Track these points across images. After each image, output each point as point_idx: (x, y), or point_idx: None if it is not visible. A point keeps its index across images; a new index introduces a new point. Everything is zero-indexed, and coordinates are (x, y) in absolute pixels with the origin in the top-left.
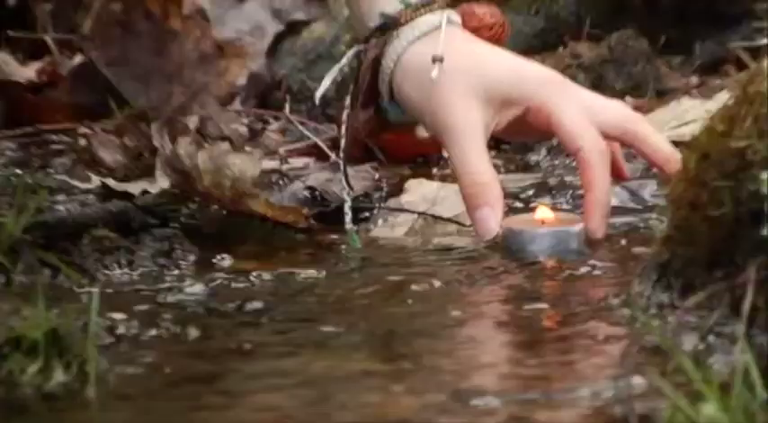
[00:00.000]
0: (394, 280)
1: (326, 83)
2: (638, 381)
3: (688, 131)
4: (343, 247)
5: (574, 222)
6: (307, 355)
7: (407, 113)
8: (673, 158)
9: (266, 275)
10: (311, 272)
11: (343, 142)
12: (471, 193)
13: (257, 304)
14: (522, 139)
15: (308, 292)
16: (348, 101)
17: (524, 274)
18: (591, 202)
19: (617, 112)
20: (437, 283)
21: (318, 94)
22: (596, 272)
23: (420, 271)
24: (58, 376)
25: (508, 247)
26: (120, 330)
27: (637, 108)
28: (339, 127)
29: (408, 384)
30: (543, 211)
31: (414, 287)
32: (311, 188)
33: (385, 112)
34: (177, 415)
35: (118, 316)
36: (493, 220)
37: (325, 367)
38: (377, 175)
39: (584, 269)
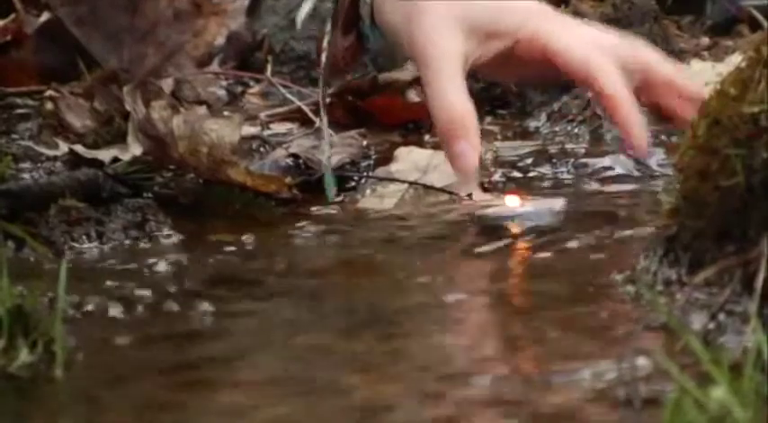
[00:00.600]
0: (379, 256)
1: (307, 6)
2: (643, 362)
3: None
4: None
5: (551, 203)
6: (286, 330)
7: (387, 39)
8: (695, 91)
9: (247, 247)
10: (295, 242)
11: (322, 68)
12: (446, 127)
13: (234, 279)
14: (517, 79)
15: (288, 267)
16: (328, 26)
17: (518, 249)
18: (623, 120)
19: (619, 38)
20: (425, 259)
21: (299, 18)
22: (598, 246)
23: (406, 244)
24: (23, 356)
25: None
26: (89, 307)
27: None
28: (319, 55)
29: (398, 365)
30: (512, 199)
31: (400, 263)
32: (294, 155)
33: (366, 38)
34: (150, 398)
35: (86, 292)
36: (470, 155)
37: (305, 344)
38: (364, 142)
39: (585, 243)
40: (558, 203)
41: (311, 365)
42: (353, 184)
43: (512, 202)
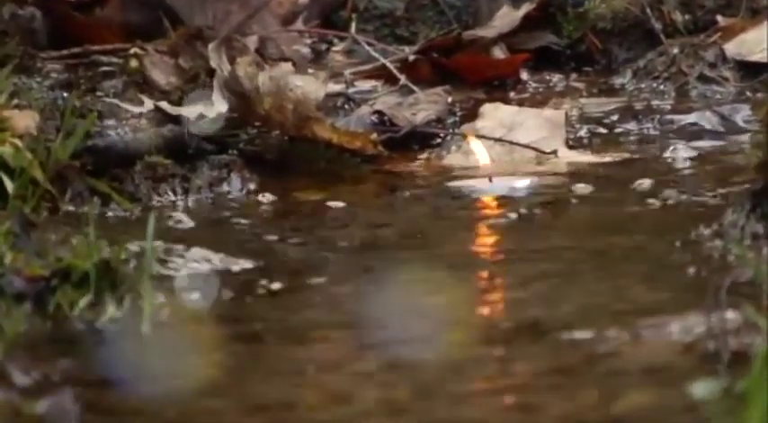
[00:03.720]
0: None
1: None
2: (731, 316)
3: None
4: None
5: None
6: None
7: None
8: None
9: (331, 205)
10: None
11: None
12: None
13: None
14: None
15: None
16: None
17: (602, 202)
18: None
19: None
20: (509, 213)
21: None
22: (685, 201)
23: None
24: (111, 311)
25: None
26: (175, 264)
27: (728, 27)
28: None
29: (489, 315)
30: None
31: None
32: (379, 112)
33: None
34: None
35: (173, 246)
36: None
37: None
38: (449, 99)
39: (673, 198)
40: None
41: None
42: (439, 140)
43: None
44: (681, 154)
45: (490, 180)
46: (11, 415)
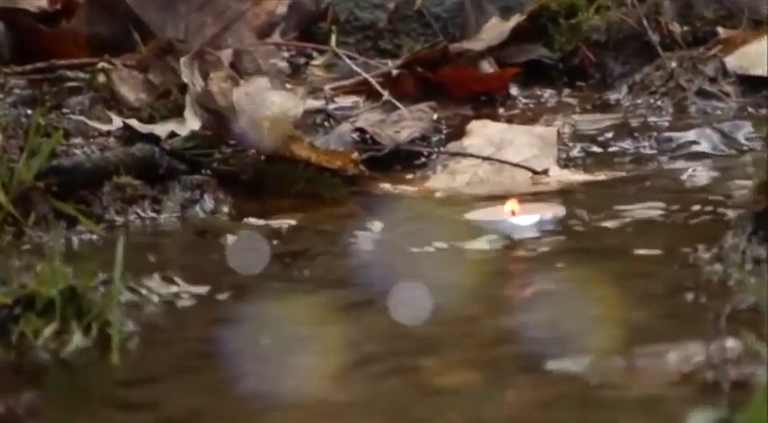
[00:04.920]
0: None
1: None
2: (731, 344)
3: None
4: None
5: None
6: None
7: None
8: None
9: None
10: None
11: None
12: None
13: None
14: None
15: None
16: None
17: (599, 229)
18: None
19: None
20: (497, 246)
21: None
22: (683, 224)
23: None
24: (77, 340)
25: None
26: (145, 290)
27: (729, 40)
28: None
29: (479, 348)
30: (512, 205)
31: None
32: (361, 130)
33: None
34: (210, 385)
35: (142, 273)
36: None
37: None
38: (435, 116)
39: (670, 221)
40: (551, 213)
41: None
42: (424, 160)
43: (508, 209)
44: (699, 173)
45: (513, 214)
46: None
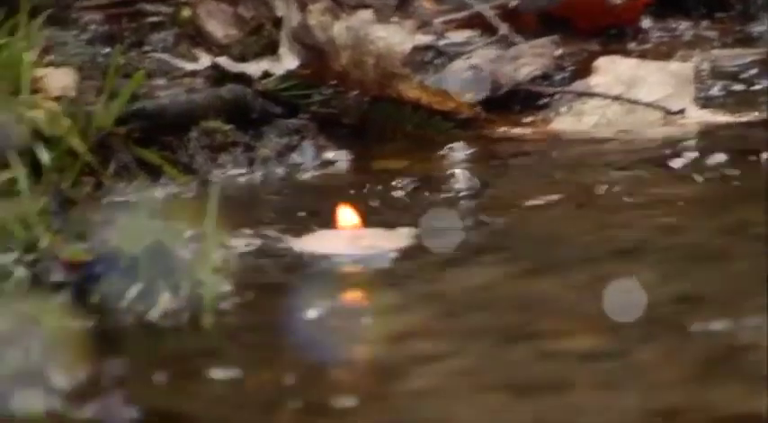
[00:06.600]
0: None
1: None
2: None
3: None
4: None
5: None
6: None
7: None
8: None
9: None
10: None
11: None
12: None
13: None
14: None
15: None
16: None
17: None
18: None
19: None
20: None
21: None
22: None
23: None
24: (165, 301)
25: None
26: (238, 248)
27: None
28: None
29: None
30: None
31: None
32: (476, 68)
33: None
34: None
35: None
36: None
37: None
38: (558, 51)
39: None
40: (398, 241)
41: None
42: (546, 100)
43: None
44: None
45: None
46: None
